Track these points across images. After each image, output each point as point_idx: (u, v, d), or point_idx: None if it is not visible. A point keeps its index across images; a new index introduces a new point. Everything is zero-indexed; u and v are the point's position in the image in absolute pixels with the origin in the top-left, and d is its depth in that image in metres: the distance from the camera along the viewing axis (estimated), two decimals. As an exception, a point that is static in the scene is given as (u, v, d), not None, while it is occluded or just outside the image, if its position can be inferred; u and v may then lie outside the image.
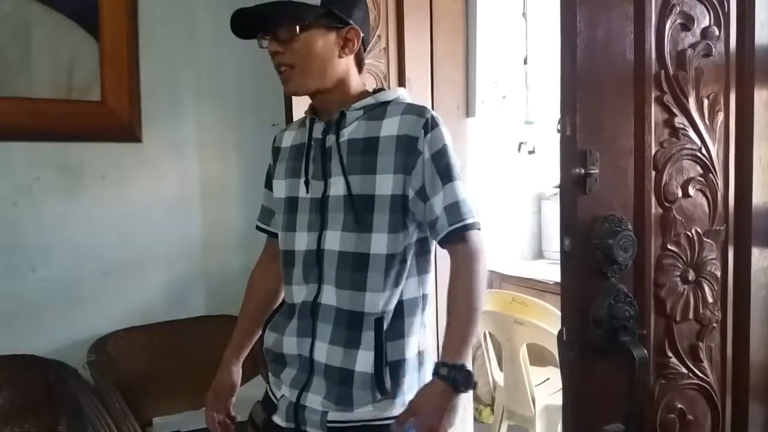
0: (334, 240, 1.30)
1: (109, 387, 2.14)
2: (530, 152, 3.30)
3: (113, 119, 2.43)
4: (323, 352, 1.30)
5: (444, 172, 1.27)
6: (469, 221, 1.26)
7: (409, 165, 1.26)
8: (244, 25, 1.34)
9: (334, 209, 1.30)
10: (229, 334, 1.61)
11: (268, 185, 1.49)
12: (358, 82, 1.37)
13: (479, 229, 1.28)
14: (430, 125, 1.27)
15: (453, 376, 1.20)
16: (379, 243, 1.27)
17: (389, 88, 2.10)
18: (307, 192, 1.35)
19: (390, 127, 1.27)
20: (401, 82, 2.15)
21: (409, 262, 1.31)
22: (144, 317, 2.49)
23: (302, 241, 1.35)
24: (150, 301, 2.55)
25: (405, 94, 1.37)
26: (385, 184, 1.26)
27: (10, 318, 2.27)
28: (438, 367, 1.22)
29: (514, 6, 3.23)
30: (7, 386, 2.08)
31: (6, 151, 2.27)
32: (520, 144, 3.30)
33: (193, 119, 2.63)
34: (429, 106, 2.21)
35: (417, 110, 1.28)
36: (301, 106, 1.90)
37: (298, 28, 1.25)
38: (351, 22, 1.29)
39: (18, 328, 2.28)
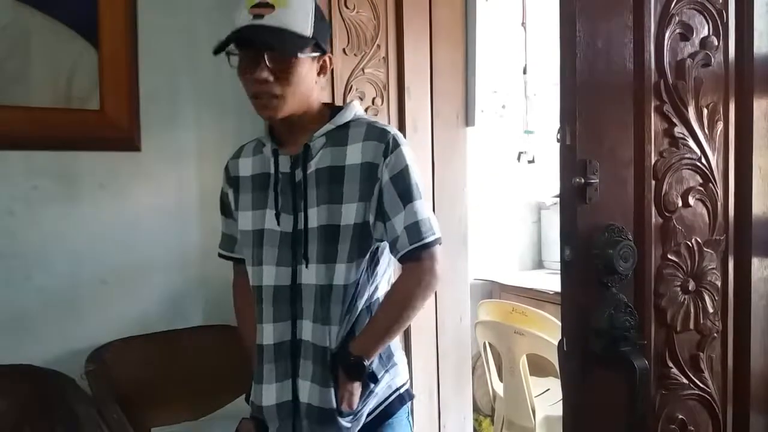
0: (310, 273, 1.30)
1: (107, 397, 2.13)
2: (530, 162, 3.30)
3: (112, 128, 2.42)
4: (311, 394, 1.31)
5: (404, 193, 1.29)
6: (428, 240, 1.29)
7: (370, 191, 1.28)
8: (230, 42, 1.28)
9: (310, 242, 1.29)
10: (228, 344, 1.61)
11: (227, 213, 1.47)
12: (318, 100, 1.38)
13: (439, 244, 1.32)
14: (391, 148, 1.28)
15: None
16: (347, 274, 1.28)
17: (389, 98, 2.11)
18: (278, 225, 1.32)
19: (354, 154, 1.29)
20: (401, 92, 2.15)
21: (362, 285, 1.32)
22: (142, 327, 2.48)
23: (270, 275, 1.32)
24: (148, 311, 2.53)
25: (360, 109, 1.38)
26: (349, 214, 1.28)
27: (6, 327, 2.26)
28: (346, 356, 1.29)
29: (513, 16, 3.24)
30: (3, 397, 2.07)
31: (3, 160, 2.26)
32: (520, 153, 3.30)
33: (193, 128, 2.63)
34: (428, 116, 2.23)
35: (377, 134, 1.30)
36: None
37: (294, 58, 1.25)
38: (326, 50, 1.33)
39: (14, 337, 2.26)
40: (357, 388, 1.30)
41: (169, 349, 2.47)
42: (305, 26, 1.24)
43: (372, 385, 1.33)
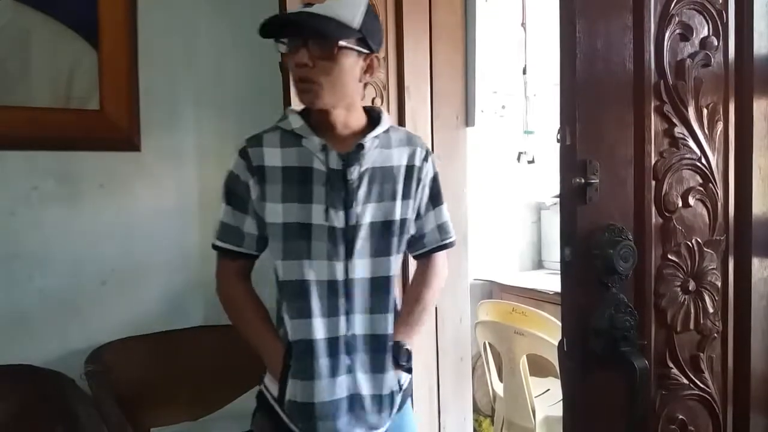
0: (362, 267, 1.35)
1: (107, 398, 2.13)
2: (530, 162, 3.30)
3: (112, 128, 2.42)
4: (367, 384, 1.36)
5: (436, 196, 1.47)
6: (451, 239, 1.51)
7: (412, 191, 1.41)
8: (276, 26, 1.31)
9: (367, 237, 1.35)
10: (227, 345, 1.59)
11: (239, 203, 1.37)
12: (360, 103, 1.42)
13: (454, 245, 1.52)
14: (427, 155, 1.44)
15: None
16: (394, 265, 1.39)
17: (389, 98, 2.11)
18: (326, 220, 1.33)
19: (398, 157, 1.40)
20: (401, 92, 2.15)
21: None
22: (142, 327, 2.48)
23: (321, 270, 1.33)
24: (148, 311, 2.54)
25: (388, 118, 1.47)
26: (402, 210, 1.39)
27: (7, 328, 2.26)
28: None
29: (513, 16, 3.24)
30: (3, 397, 2.07)
31: (4, 160, 2.26)
32: (520, 154, 3.30)
33: (193, 128, 2.63)
34: (428, 117, 2.23)
35: (415, 141, 1.45)
36: (300, 115, 1.91)
37: (336, 47, 1.27)
38: (375, 49, 1.34)
39: (14, 338, 2.26)
40: (405, 375, 1.42)
41: (169, 349, 2.47)
42: (352, 18, 1.27)
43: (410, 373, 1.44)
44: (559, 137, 1.11)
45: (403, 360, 1.40)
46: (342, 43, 1.26)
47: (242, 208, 1.37)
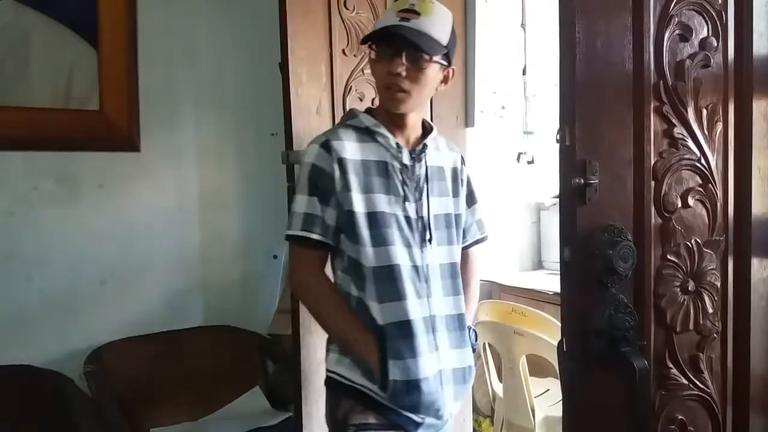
0: (436, 254, 1.49)
1: (106, 398, 2.13)
2: (529, 162, 3.29)
3: (112, 128, 2.43)
4: (451, 359, 1.47)
5: (473, 195, 1.69)
6: (486, 234, 1.74)
7: (459, 190, 1.59)
8: (377, 35, 1.44)
9: (434, 227, 1.49)
10: (227, 345, 1.59)
11: (322, 194, 1.43)
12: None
13: (488, 239, 1.76)
14: (464, 161, 1.64)
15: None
16: (457, 254, 1.56)
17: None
18: (403, 210, 1.46)
19: (446, 159, 1.58)
20: (400, 92, 2.14)
21: None
22: (142, 327, 2.48)
23: (404, 256, 1.43)
24: (148, 311, 2.54)
25: None
26: (455, 205, 1.56)
27: (6, 328, 2.26)
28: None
29: (512, 16, 3.23)
30: (3, 397, 2.07)
31: (3, 160, 2.26)
32: (519, 154, 3.29)
33: (192, 129, 2.63)
34: (428, 117, 2.23)
35: (455, 148, 1.65)
36: (301, 117, 1.91)
37: (428, 60, 1.42)
38: (452, 63, 1.50)
39: (14, 338, 2.26)
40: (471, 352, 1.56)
41: (169, 349, 2.47)
42: (443, 36, 1.43)
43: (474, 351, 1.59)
44: (558, 138, 1.11)
45: (472, 339, 1.56)
46: (434, 58, 1.42)
47: (325, 199, 1.43)
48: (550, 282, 2.91)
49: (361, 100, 2.04)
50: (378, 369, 1.39)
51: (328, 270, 1.52)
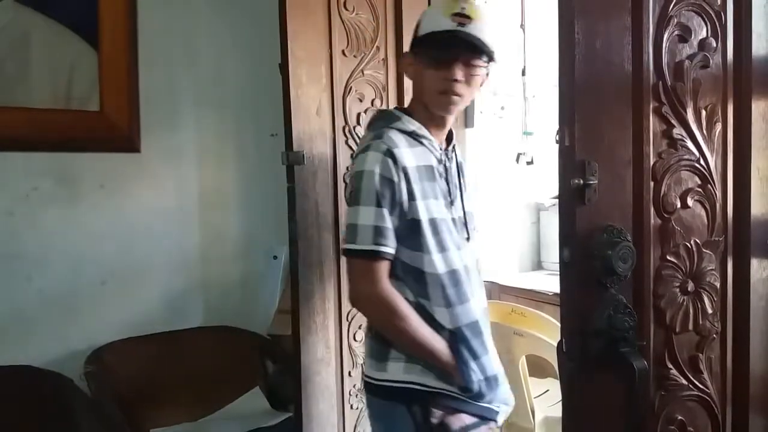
0: (472, 253, 1.52)
1: (106, 398, 2.13)
2: (529, 163, 3.29)
3: (112, 129, 2.43)
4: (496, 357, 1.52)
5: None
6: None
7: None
8: (439, 41, 1.42)
9: (469, 225, 1.52)
10: (227, 345, 1.59)
11: (391, 205, 1.39)
12: None
13: None
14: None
15: None
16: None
17: (388, 99, 2.11)
18: (450, 212, 1.47)
19: (459, 155, 1.59)
20: (400, 93, 2.14)
21: None
22: (142, 327, 2.48)
23: (458, 259, 1.45)
24: (148, 312, 2.54)
25: None
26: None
27: (6, 328, 2.26)
28: None
29: (512, 17, 3.24)
30: (3, 397, 2.07)
31: (3, 161, 2.27)
32: (519, 155, 3.29)
33: (192, 129, 2.63)
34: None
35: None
36: (301, 118, 1.91)
37: (483, 66, 1.44)
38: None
39: (13, 338, 2.26)
40: None
41: (169, 349, 2.47)
42: (493, 42, 1.43)
43: None
44: (558, 138, 1.11)
45: None
46: (489, 64, 1.44)
47: (392, 209, 1.39)
48: (550, 282, 2.91)
49: (360, 100, 2.04)
50: (460, 372, 1.40)
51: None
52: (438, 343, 1.41)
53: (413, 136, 1.45)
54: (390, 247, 1.39)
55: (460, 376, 1.40)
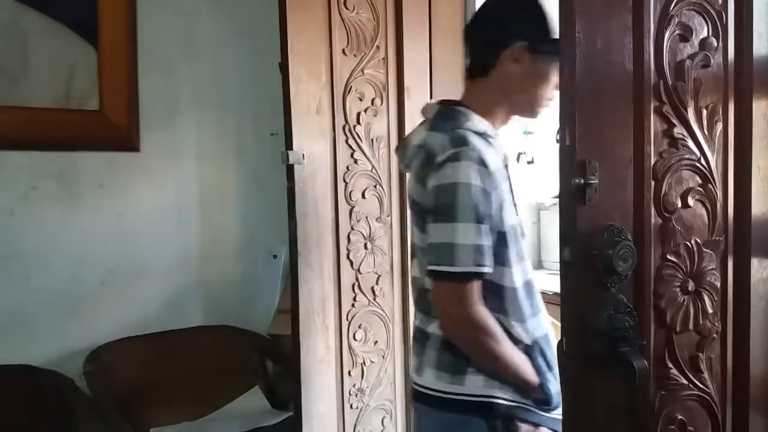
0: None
1: (106, 398, 2.13)
2: (529, 162, 3.30)
3: (111, 128, 2.43)
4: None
5: None
6: None
7: None
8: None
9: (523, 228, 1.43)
10: (227, 345, 1.59)
11: (484, 218, 1.28)
12: None
13: None
14: None
15: None
16: None
17: (388, 99, 2.11)
18: (516, 217, 1.40)
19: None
20: (400, 92, 2.15)
21: None
22: (141, 327, 2.48)
23: (530, 268, 1.39)
24: (147, 311, 2.54)
25: None
26: None
27: (6, 327, 2.26)
28: None
29: (512, 17, 3.24)
30: (3, 397, 2.07)
31: (3, 160, 2.27)
32: (519, 154, 3.29)
33: (192, 128, 2.63)
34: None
35: None
36: (301, 117, 1.91)
37: None
38: None
39: (13, 337, 2.26)
40: None
41: (169, 349, 2.47)
42: None
43: None
44: (558, 137, 1.11)
45: None
46: None
47: (488, 223, 1.29)
48: (550, 282, 2.91)
49: (360, 100, 2.04)
50: (541, 386, 1.35)
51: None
52: (526, 363, 1.35)
53: (483, 137, 1.34)
54: (489, 267, 1.29)
55: (541, 390, 1.35)
